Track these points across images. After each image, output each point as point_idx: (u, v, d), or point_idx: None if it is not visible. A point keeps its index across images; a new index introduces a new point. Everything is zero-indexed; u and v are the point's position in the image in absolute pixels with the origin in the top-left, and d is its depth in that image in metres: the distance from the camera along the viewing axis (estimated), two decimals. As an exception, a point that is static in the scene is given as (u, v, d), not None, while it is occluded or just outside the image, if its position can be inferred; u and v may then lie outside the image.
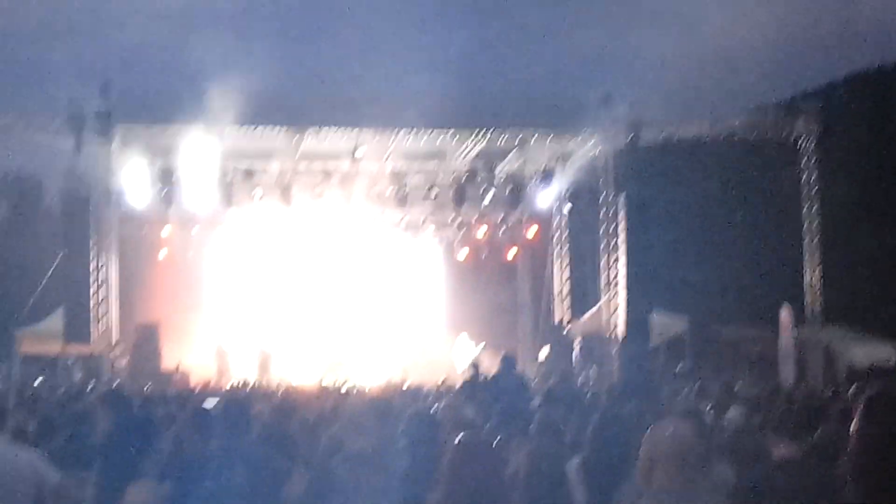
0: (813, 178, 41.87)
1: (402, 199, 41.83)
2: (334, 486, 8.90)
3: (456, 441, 7.13)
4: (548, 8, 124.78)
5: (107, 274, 40.67)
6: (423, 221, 45.55)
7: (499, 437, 8.00)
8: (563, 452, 9.87)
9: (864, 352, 38.03)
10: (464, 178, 41.97)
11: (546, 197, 43.54)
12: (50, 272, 43.31)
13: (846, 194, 48.58)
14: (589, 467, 8.49)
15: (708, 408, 14.04)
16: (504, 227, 45.98)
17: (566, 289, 45.79)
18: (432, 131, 40.61)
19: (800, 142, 41.80)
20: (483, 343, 39.93)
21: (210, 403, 10.86)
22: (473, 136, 41.09)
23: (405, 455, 9.15)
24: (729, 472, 7.14)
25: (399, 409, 14.71)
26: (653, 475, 5.73)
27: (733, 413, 11.02)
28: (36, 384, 33.91)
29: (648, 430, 6.06)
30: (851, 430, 5.55)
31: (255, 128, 39.14)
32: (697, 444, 5.75)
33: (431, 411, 11.40)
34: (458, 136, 41.11)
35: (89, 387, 28.92)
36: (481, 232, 45.69)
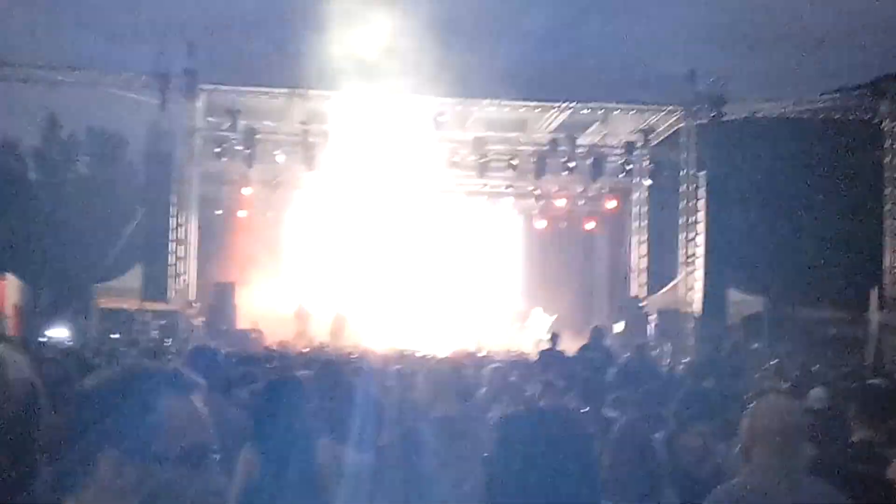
0: (896, 160, 41.55)
1: (483, 168, 41.91)
2: (419, 450, 8.93)
3: (538, 408, 7.15)
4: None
5: (186, 232, 41.04)
6: (503, 191, 45.60)
7: (582, 406, 7.99)
8: (647, 425, 9.87)
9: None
10: (545, 149, 41.93)
11: (626, 171, 43.47)
12: (130, 228, 43.82)
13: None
14: (674, 442, 8.49)
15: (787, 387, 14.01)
16: (583, 200, 45.88)
17: (643, 263, 45.60)
18: (515, 102, 40.73)
19: (884, 123, 41.47)
20: (557, 314, 39.91)
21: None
22: (556, 107, 41.14)
23: (486, 420, 9.16)
24: (814, 453, 7.14)
25: (476, 376, 14.80)
26: (753, 450, 5.72)
27: (816, 394, 10.96)
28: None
29: (752, 405, 6.03)
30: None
31: (339, 92, 39.19)
32: (798, 421, 5.71)
33: (511, 379, 11.37)
34: (540, 108, 41.16)
35: (166, 343, 29.15)
36: (560, 203, 45.62)
